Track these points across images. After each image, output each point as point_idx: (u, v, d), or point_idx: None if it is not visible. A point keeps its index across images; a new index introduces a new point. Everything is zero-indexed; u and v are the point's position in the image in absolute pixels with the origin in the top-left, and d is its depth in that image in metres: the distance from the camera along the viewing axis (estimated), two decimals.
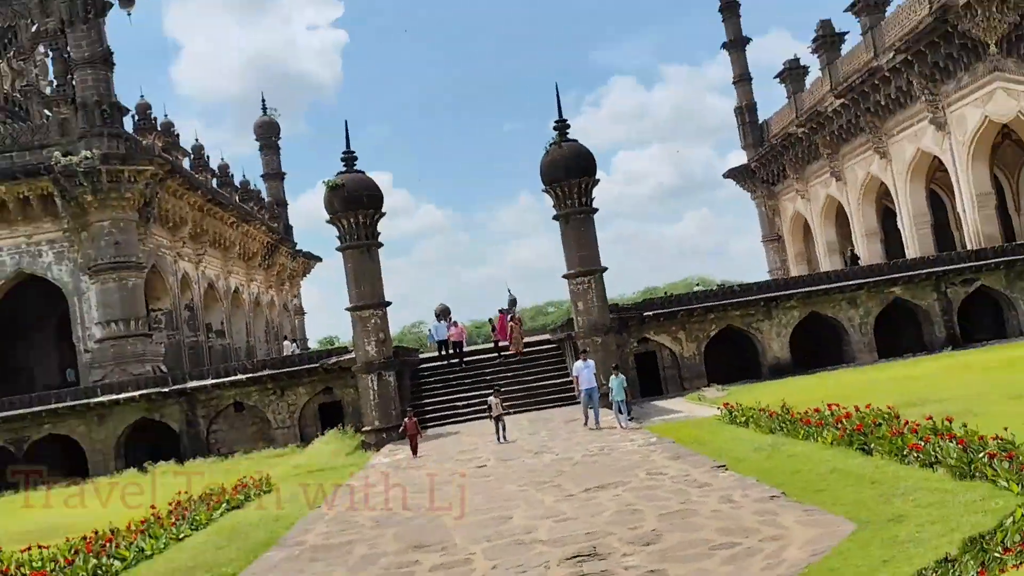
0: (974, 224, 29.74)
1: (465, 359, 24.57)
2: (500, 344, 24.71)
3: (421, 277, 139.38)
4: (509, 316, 25.10)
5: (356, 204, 19.67)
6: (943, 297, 24.04)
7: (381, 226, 20.68)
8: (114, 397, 22.95)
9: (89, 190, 26.17)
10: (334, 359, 22.61)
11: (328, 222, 20.05)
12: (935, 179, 34.90)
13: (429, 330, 27.41)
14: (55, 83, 28.27)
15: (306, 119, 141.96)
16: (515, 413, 20.15)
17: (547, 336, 27.73)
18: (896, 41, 30.02)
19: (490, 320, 30.33)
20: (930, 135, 30.79)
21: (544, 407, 21.20)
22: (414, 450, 16.39)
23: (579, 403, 17.37)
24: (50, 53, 34.51)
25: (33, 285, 29.95)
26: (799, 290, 23.99)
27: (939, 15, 27.02)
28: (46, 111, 28.23)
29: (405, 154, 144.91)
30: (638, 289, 77.25)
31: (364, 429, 20.12)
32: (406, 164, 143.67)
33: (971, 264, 24.15)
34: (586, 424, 16.62)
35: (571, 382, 18.44)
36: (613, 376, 16.76)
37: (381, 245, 20.62)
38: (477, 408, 20.69)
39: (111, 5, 27.79)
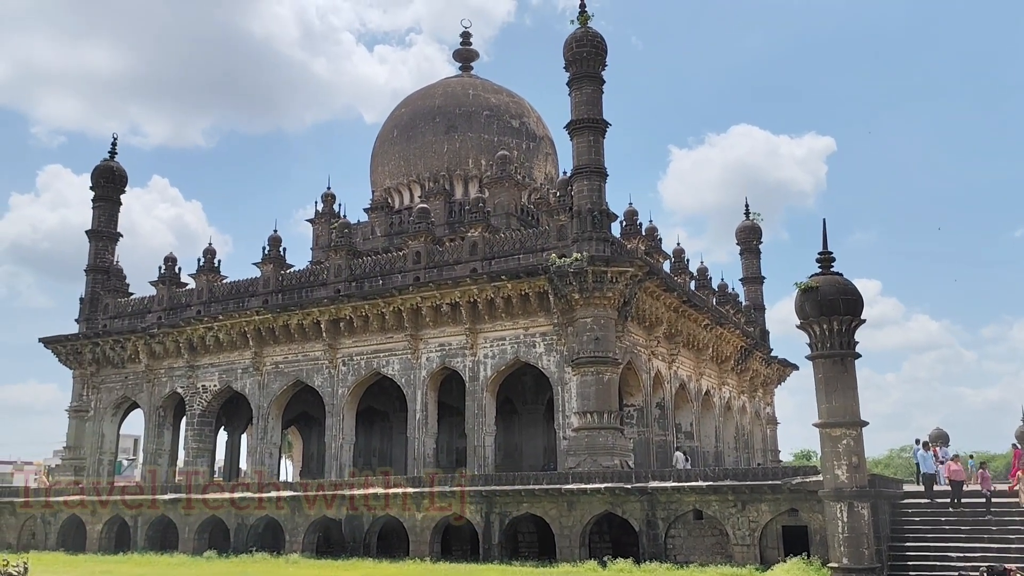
0: None
1: (964, 500, 20.44)
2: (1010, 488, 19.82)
3: (913, 396, 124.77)
4: (1021, 457, 20.38)
5: (830, 309, 17.88)
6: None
7: (862, 335, 18.51)
8: (582, 486, 23.93)
9: (576, 288, 28.49)
10: (799, 479, 20.56)
11: (799, 327, 18.57)
12: None
13: (916, 459, 23.57)
14: (557, 194, 31.79)
15: (786, 226, 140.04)
16: None
17: None
18: None
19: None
20: None
21: None
22: None
23: None
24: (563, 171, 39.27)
25: (528, 371, 33.52)
26: None
27: None
28: (552, 218, 31.80)
29: (895, 260, 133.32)
30: None
31: (831, 565, 17.69)
32: (896, 271, 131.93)
33: None
34: None
35: None
36: None
37: (858, 356, 18.38)
38: (978, 563, 16.80)
39: (608, 124, 30.53)
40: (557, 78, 69.25)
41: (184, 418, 39.66)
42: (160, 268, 41.16)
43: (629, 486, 23.30)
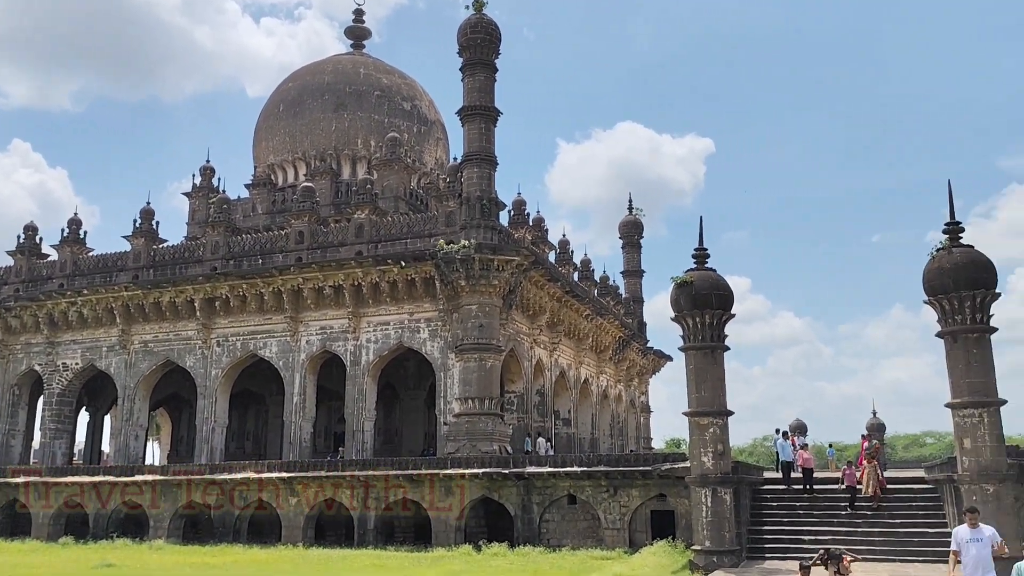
0: None
1: (816, 487, 21.85)
2: (856, 488, 20.80)
3: (777, 389, 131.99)
4: (867, 448, 21.94)
5: (703, 303, 18.66)
6: None
7: (732, 330, 19.40)
8: (461, 471, 24.09)
9: (463, 275, 28.56)
10: (668, 465, 21.44)
11: (673, 319, 19.28)
12: None
13: (776, 448, 24.97)
14: (447, 179, 31.70)
15: (666, 223, 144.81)
16: (872, 561, 17.16)
17: (922, 473, 23.73)
18: None
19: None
20: None
21: (911, 559, 17.78)
22: None
23: None
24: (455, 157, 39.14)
25: (411, 357, 33.40)
26: None
27: None
28: (441, 204, 31.69)
29: (764, 260, 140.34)
30: None
31: (694, 548, 18.53)
32: (765, 270, 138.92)
33: None
34: None
35: (948, 534, 15.10)
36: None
37: (727, 349, 19.27)
38: (828, 545, 17.98)
39: (500, 113, 30.65)
40: (451, 63, 69.08)
41: (42, 397, 37.40)
42: (19, 237, 38.63)
43: (507, 471, 23.64)
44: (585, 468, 22.92)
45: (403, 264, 29.81)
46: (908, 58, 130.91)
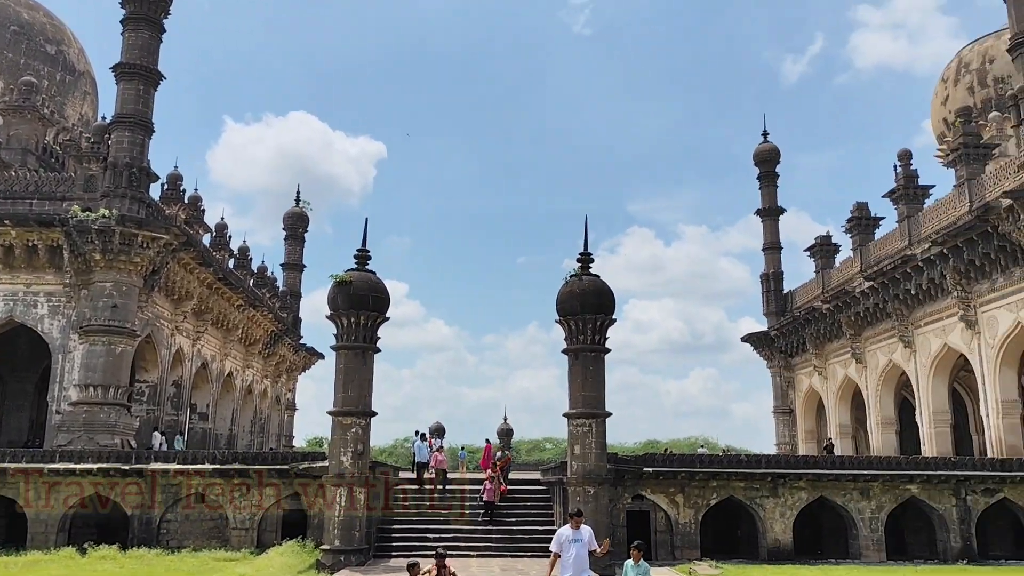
0: (997, 431, 28.31)
1: (448, 487, 23.06)
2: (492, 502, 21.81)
3: (422, 391, 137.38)
4: (498, 458, 23.69)
5: (360, 303, 18.82)
6: (962, 504, 22.41)
7: (386, 332, 19.79)
8: (70, 466, 21.50)
9: (99, 248, 25.68)
10: (307, 464, 21.17)
11: (329, 318, 19.18)
12: (958, 378, 33.75)
13: (414, 449, 25.88)
14: (91, 139, 28.26)
15: (331, 220, 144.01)
16: (488, 557, 18.52)
17: (538, 475, 26.22)
18: (933, 233, 29.66)
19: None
20: (959, 332, 29.89)
21: (522, 555, 19.49)
22: None
23: None
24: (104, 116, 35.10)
25: (23, 334, 29.12)
26: (810, 471, 22.45)
27: (980, 214, 26.68)
28: (82, 166, 28.14)
29: (423, 268, 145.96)
30: (639, 440, 74.68)
31: (323, 547, 18.48)
32: (422, 277, 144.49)
33: (995, 473, 22.61)
34: None
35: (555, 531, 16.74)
36: (631, 565, 11.02)
37: (379, 351, 19.64)
38: (449, 542, 19.08)
39: (163, 77, 28.18)
40: (112, 15, 62.00)
41: None
42: None
43: (127, 467, 21.59)
44: (218, 466, 21.73)
45: (27, 226, 25.99)
46: (568, 98, 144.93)
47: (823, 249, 41.62)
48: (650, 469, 21.79)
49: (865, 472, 22.30)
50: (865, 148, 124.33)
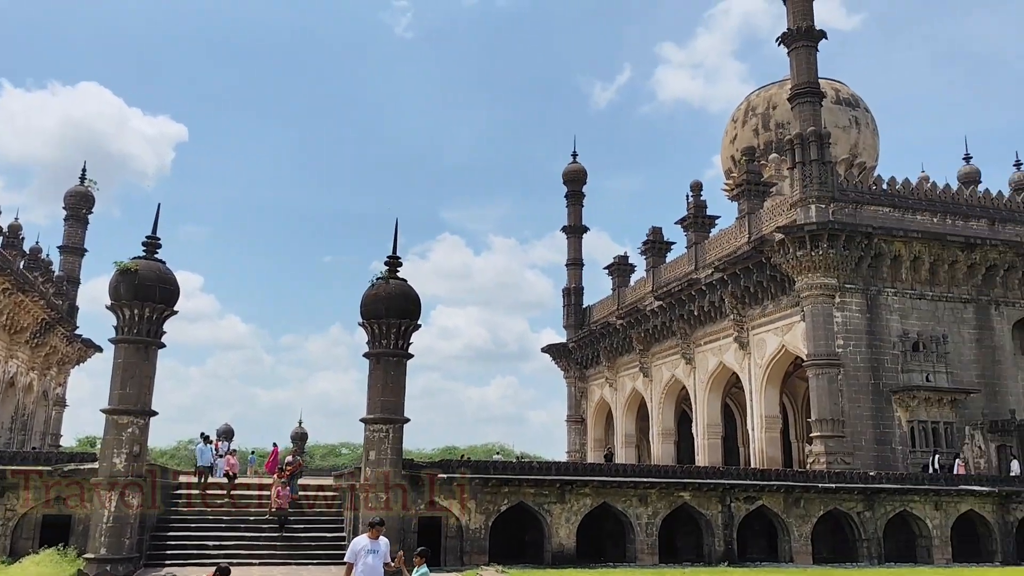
0: (760, 443, 31.20)
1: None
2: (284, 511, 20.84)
3: (212, 391, 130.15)
4: (289, 462, 22.84)
5: (146, 294, 17.50)
6: (727, 510, 24.39)
7: (175, 327, 18.55)
8: None
9: None
10: (73, 465, 19.37)
11: (109, 308, 17.68)
12: (730, 394, 36.87)
13: (196, 452, 24.42)
14: None
15: (120, 203, 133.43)
16: (272, 566, 17.83)
17: (331, 480, 25.62)
18: (716, 260, 32.27)
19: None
20: (733, 352, 32.66)
21: (308, 563, 18.93)
22: None
23: None
24: None
25: None
26: (596, 478, 23.56)
27: (756, 245, 29.34)
28: None
29: (222, 261, 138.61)
30: (437, 447, 75.04)
31: (87, 556, 16.97)
32: (221, 271, 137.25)
33: (756, 482, 24.84)
34: None
35: (345, 538, 16.45)
36: (416, 571, 11.21)
37: (163, 346, 18.37)
38: (230, 550, 18.17)
39: None
40: None
41: None
42: None
43: None
44: None
45: None
46: (388, 99, 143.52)
47: (620, 268, 44.07)
48: (444, 475, 21.92)
49: (644, 480, 23.72)
50: (663, 176, 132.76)
